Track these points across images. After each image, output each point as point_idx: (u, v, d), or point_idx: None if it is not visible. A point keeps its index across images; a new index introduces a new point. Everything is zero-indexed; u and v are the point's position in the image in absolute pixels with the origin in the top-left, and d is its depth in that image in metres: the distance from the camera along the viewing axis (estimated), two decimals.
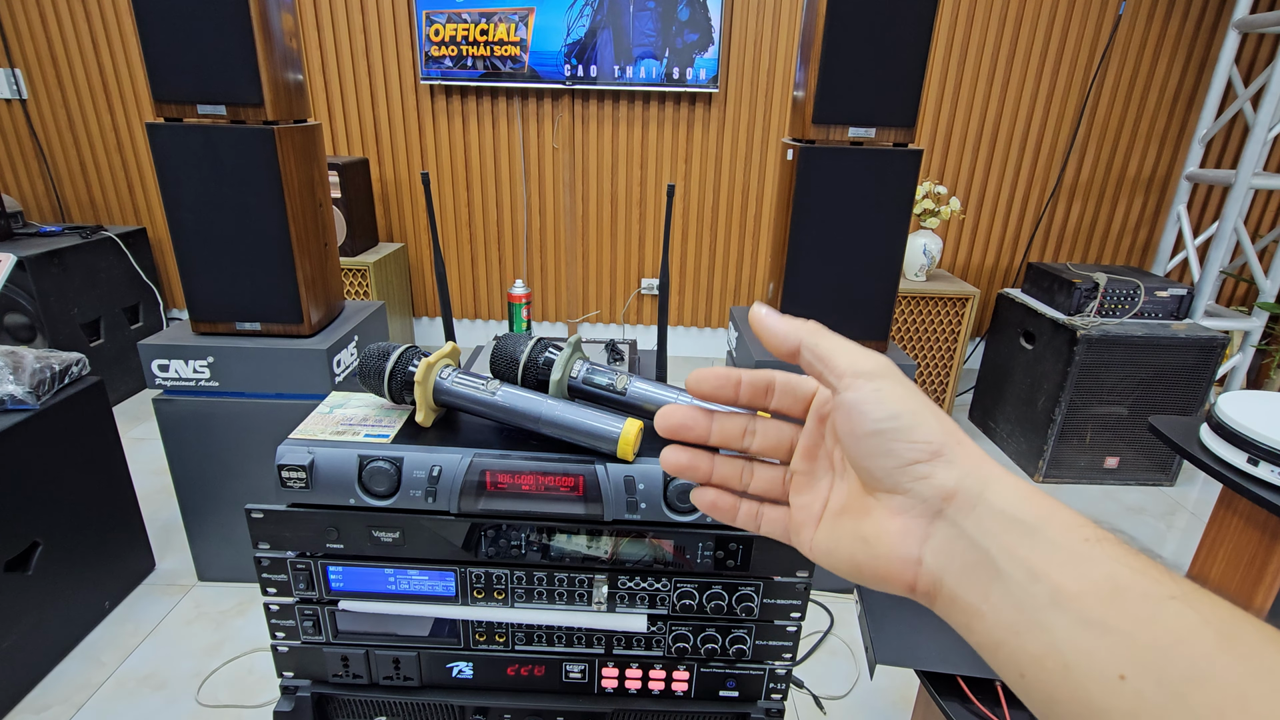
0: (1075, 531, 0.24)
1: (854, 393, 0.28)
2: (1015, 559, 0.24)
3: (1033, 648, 0.23)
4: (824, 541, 0.31)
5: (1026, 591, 0.23)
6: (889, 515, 0.28)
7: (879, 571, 0.28)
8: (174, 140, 1.37)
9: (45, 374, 1.43)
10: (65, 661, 1.46)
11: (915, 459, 0.27)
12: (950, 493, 0.26)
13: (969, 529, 0.26)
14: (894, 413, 0.27)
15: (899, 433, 0.27)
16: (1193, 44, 2.61)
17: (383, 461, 0.60)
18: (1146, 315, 2.21)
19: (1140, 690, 0.20)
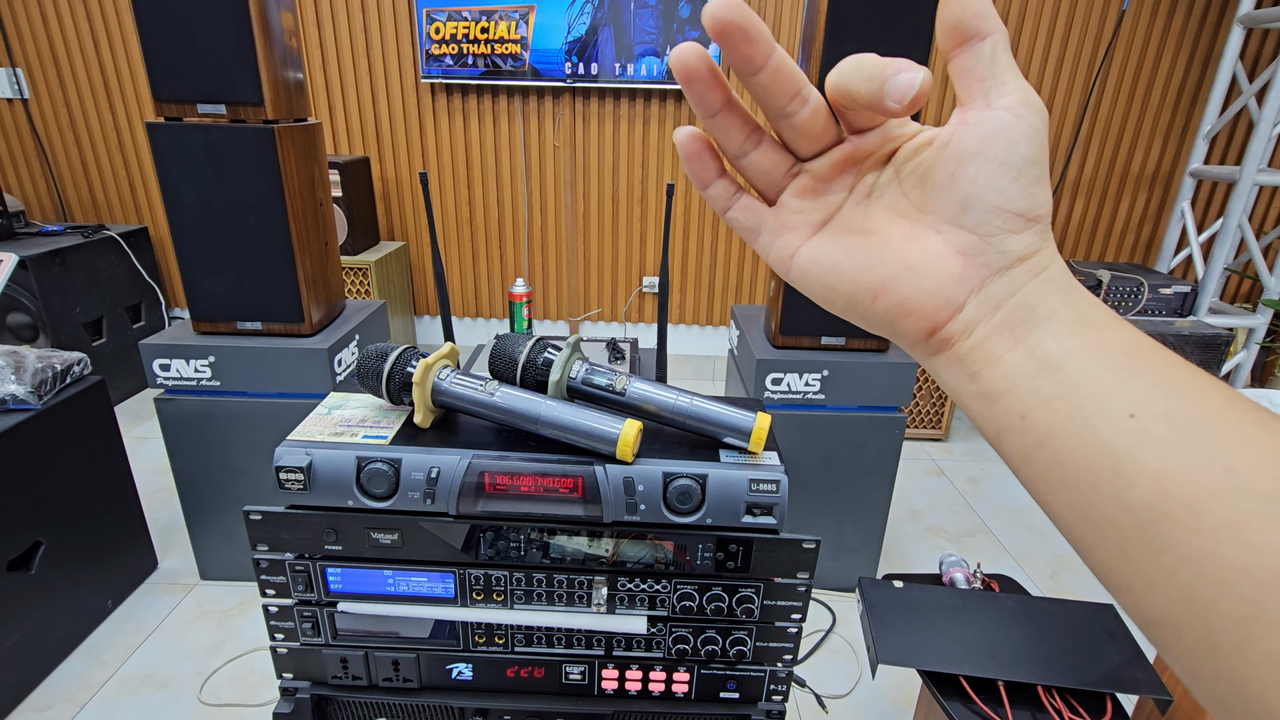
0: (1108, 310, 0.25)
1: (1015, 117, 0.25)
2: (1057, 317, 0.25)
3: (1047, 390, 0.24)
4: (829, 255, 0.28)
5: (1058, 342, 0.24)
6: (951, 252, 0.26)
7: (906, 304, 0.27)
8: (174, 139, 1.37)
9: (47, 374, 1.43)
10: (68, 661, 1.46)
11: (1023, 211, 0.25)
12: (1027, 256, 0.25)
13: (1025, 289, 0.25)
14: (1036, 157, 0.25)
15: (1028, 179, 0.25)
16: (1197, 39, 2.60)
17: (381, 463, 0.59)
18: (1150, 312, 2.20)
19: (1147, 427, 0.22)
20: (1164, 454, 0.21)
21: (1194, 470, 0.20)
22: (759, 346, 1.59)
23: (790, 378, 1.54)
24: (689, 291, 3.02)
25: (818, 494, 1.64)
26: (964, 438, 2.61)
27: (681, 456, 0.62)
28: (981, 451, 2.51)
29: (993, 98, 0.25)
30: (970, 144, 0.25)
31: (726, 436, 0.63)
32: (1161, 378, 0.22)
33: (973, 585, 1.08)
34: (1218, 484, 0.20)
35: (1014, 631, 0.96)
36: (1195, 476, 0.20)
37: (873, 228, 0.28)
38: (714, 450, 0.63)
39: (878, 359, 1.55)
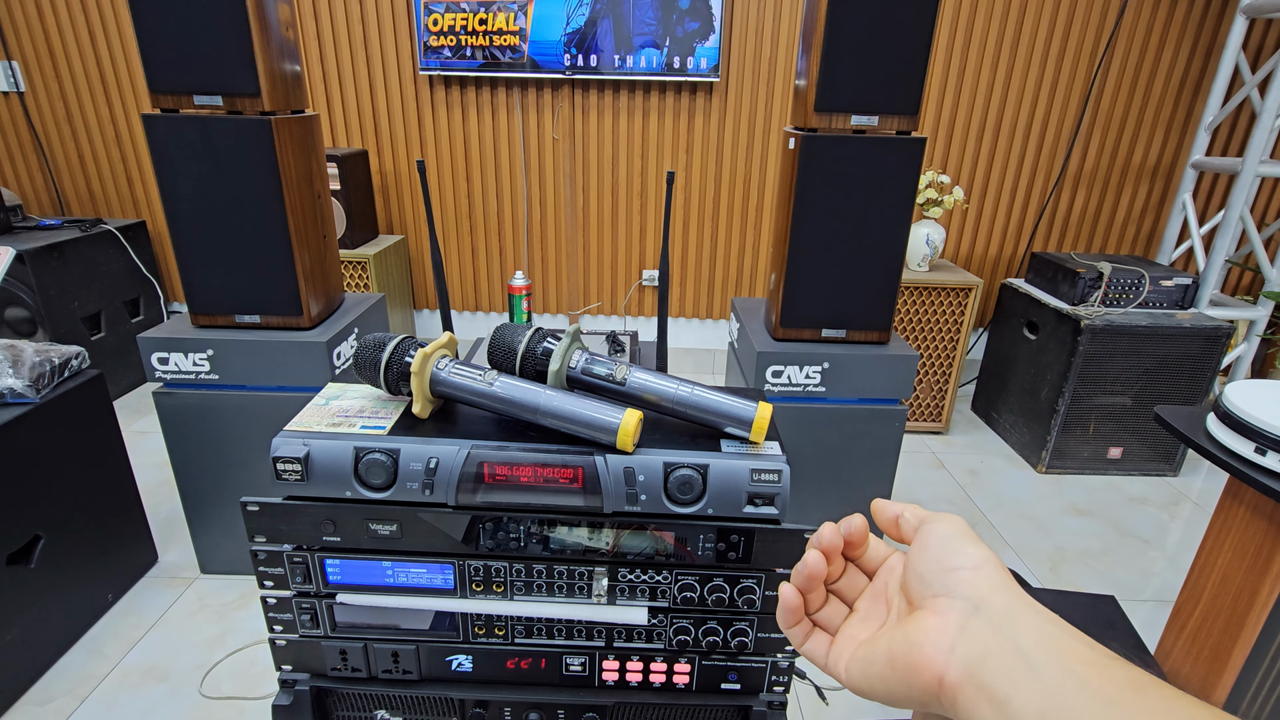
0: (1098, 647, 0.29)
1: (933, 522, 0.37)
2: (1048, 654, 0.28)
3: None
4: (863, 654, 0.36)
5: (1055, 679, 0.27)
6: (930, 615, 0.33)
7: (912, 662, 0.32)
8: (170, 131, 1.36)
9: (45, 367, 1.43)
10: (69, 654, 1.46)
11: (961, 565, 0.33)
12: (985, 595, 0.32)
13: (1004, 625, 0.30)
14: (955, 533, 0.35)
15: (955, 545, 0.35)
16: (1199, 30, 2.58)
17: (379, 454, 0.59)
18: (1151, 305, 2.20)
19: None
20: None
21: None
22: (759, 339, 1.58)
23: (791, 370, 1.54)
24: (689, 284, 3.01)
25: (818, 487, 1.64)
26: (964, 430, 2.61)
27: (682, 446, 0.61)
28: (981, 444, 2.50)
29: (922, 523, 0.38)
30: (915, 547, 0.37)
31: (728, 426, 0.62)
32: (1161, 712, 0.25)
33: None
34: None
35: None
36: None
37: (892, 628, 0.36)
38: (715, 440, 0.63)
39: (878, 351, 1.55)
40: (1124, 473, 2.30)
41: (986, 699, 0.29)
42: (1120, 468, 2.30)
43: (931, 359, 2.47)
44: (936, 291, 2.37)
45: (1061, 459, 2.28)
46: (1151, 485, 2.26)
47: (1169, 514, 2.11)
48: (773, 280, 1.60)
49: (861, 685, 0.36)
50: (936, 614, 0.33)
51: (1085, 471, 2.30)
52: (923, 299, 2.38)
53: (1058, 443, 2.25)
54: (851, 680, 0.37)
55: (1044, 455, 2.28)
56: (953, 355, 2.46)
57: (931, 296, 2.38)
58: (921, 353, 2.45)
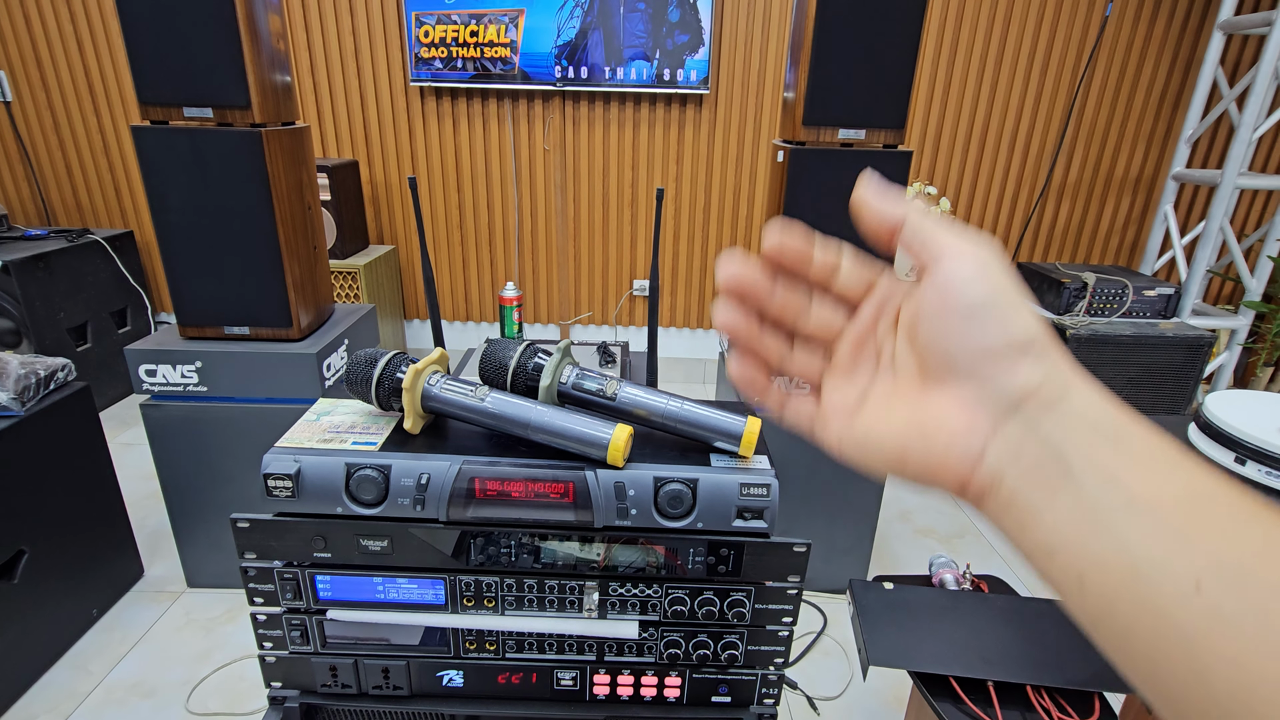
0: (1157, 440, 0.23)
1: (956, 264, 0.26)
2: (1092, 462, 0.23)
3: (1099, 551, 0.22)
4: (863, 433, 0.29)
5: (1101, 494, 0.22)
6: (956, 407, 0.26)
7: (931, 465, 0.27)
8: (160, 143, 1.36)
9: (30, 380, 1.42)
10: (53, 670, 1.44)
11: (1003, 345, 0.25)
12: (1032, 390, 0.24)
13: (1045, 429, 0.24)
14: (994, 292, 0.25)
15: (995, 315, 0.25)
16: (1178, 45, 2.64)
17: (370, 470, 0.59)
18: (1135, 314, 2.23)
19: (1217, 603, 0.19)
20: (1241, 640, 0.19)
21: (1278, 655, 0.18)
22: None
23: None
24: (679, 294, 3.02)
25: (808, 496, 1.65)
26: None
27: (672, 461, 0.62)
28: None
29: (931, 256, 0.27)
30: (930, 302, 0.27)
31: (717, 440, 0.63)
32: (1228, 537, 0.20)
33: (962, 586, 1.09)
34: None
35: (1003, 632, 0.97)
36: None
37: (894, 397, 0.29)
38: (705, 454, 0.64)
39: None
40: None
41: (1016, 509, 0.24)
42: None
43: None
44: None
45: None
46: None
47: None
48: None
49: (860, 464, 0.30)
50: (964, 407, 0.26)
51: None
52: None
53: None
54: (847, 458, 0.30)
55: None
56: None
57: None
58: None
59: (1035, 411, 0.24)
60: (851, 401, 0.30)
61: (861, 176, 0.29)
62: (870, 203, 0.28)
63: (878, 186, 0.28)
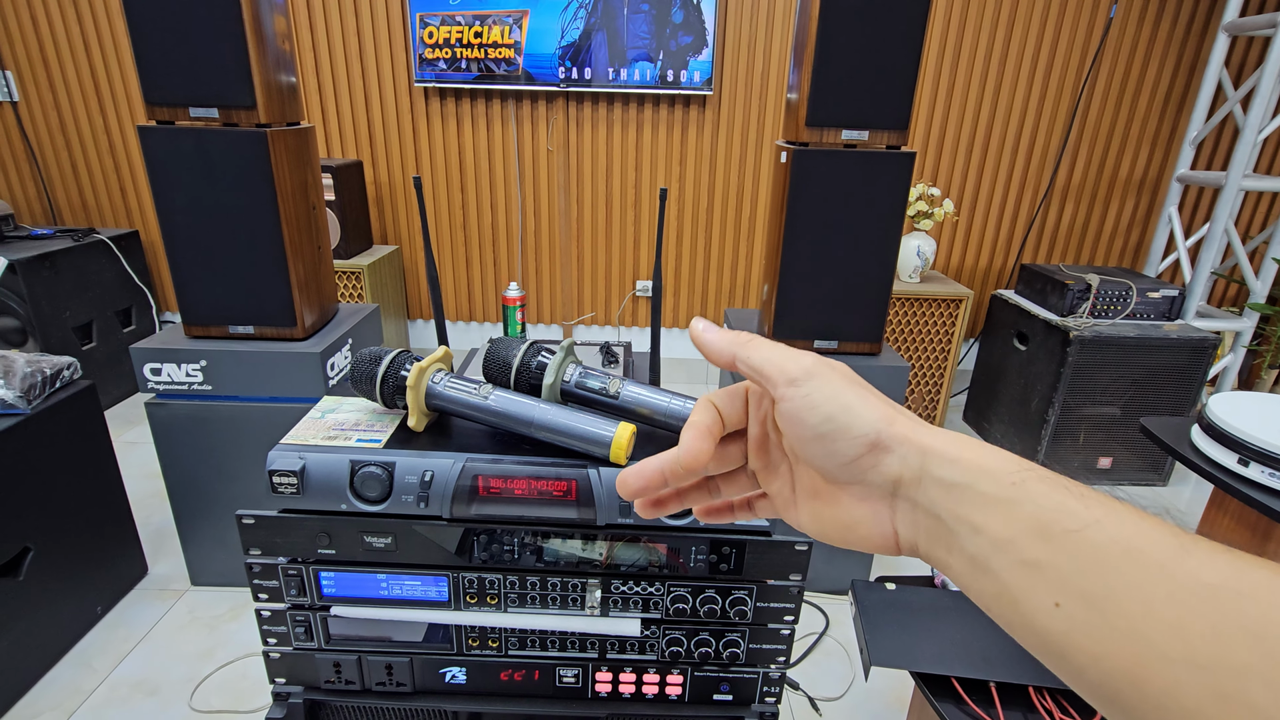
0: (1002, 479, 0.26)
1: (788, 403, 0.30)
2: (959, 519, 0.27)
3: (989, 588, 0.26)
4: (810, 524, 0.33)
5: (974, 544, 0.26)
6: (856, 502, 0.31)
7: (869, 546, 0.31)
8: (166, 143, 1.36)
9: (36, 378, 1.42)
10: (57, 667, 1.45)
11: (857, 454, 0.29)
12: (897, 476, 0.29)
13: (921, 501, 0.28)
14: (827, 415, 0.29)
15: (836, 434, 0.29)
16: (1183, 46, 2.63)
17: (374, 467, 0.60)
18: (1139, 316, 2.22)
19: (1072, 613, 0.23)
20: (1093, 637, 0.23)
21: (1121, 649, 0.22)
22: None
23: None
24: (682, 295, 3.02)
25: None
26: None
27: None
28: None
29: (771, 392, 0.31)
30: (787, 435, 0.31)
31: None
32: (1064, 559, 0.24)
33: None
34: (1143, 656, 0.21)
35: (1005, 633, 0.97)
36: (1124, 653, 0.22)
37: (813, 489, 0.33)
38: None
39: (870, 362, 1.56)
40: (1114, 482, 2.32)
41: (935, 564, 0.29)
42: (1110, 477, 2.31)
43: (923, 370, 2.49)
44: (927, 303, 2.39)
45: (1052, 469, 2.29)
46: (1141, 495, 2.28)
47: None
48: (765, 291, 1.62)
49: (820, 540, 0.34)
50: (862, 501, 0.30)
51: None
52: (914, 310, 2.40)
53: (1048, 453, 2.27)
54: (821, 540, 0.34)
55: None
56: (944, 366, 2.48)
57: (922, 308, 2.40)
58: (913, 363, 2.47)
59: (909, 490, 0.29)
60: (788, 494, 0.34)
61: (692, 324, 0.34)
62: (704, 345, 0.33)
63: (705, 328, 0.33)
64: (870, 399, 0.30)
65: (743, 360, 0.31)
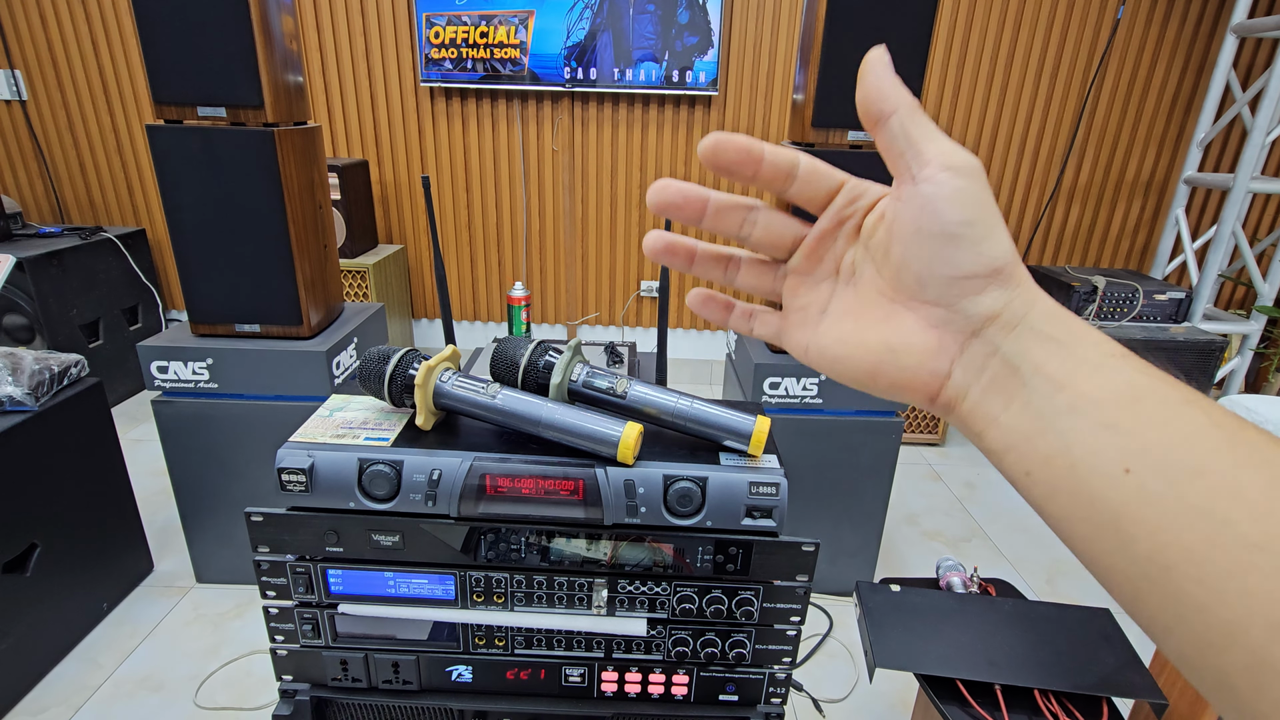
0: (1104, 347, 0.25)
1: (935, 186, 0.26)
2: (1044, 373, 0.25)
3: (1044, 449, 0.24)
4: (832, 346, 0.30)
5: (1048, 401, 0.24)
6: (923, 327, 0.27)
7: (901, 382, 0.28)
8: (174, 142, 1.37)
9: (44, 375, 1.43)
10: (63, 663, 1.46)
11: (975, 272, 0.26)
12: (996, 314, 0.26)
13: (1005, 348, 0.26)
14: (970, 218, 0.25)
15: (968, 241, 0.25)
16: (1191, 48, 2.62)
17: (383, 465, 0.60)
18: (1145, 318, 2.22)
19: (1142, 483, 0.22)
20: (1160, 508, 0.21)
21: (1190, 523, 0.21)
22: (757, 351, 1.59)
23: (788, 382, 1.55)
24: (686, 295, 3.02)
25: (815, 498, 1.64)
26: (960, 443, 2.62)
27: (682, 459, 0.62)
28: (978, 457, 2.51)
29: (914, 170, 0.26)
30: (905, 222, 0.27)
31: (726, 439, 0.63)
32: (1156, 425, 0.22)
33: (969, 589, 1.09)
34: (1213, 535, 0.20)
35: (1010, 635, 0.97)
36: (1192, 529, 0.21)
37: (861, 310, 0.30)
38: (714, 453, 0.64)
39: None
40: None
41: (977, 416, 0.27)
42: None
43: None
44: None
45: None
46: None
47: None
48: None
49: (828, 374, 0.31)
50: (931, 328, 0.27)
51: None
52: None
53: None
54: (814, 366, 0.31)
55: None
56: None
57: None
58: None
59: (997, 333, 0.26)
60: (812, 310, 0.31)
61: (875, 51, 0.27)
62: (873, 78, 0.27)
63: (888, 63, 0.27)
64: (1007, 231, 0.26)
65: (902, 123, 0.26)
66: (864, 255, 0.30)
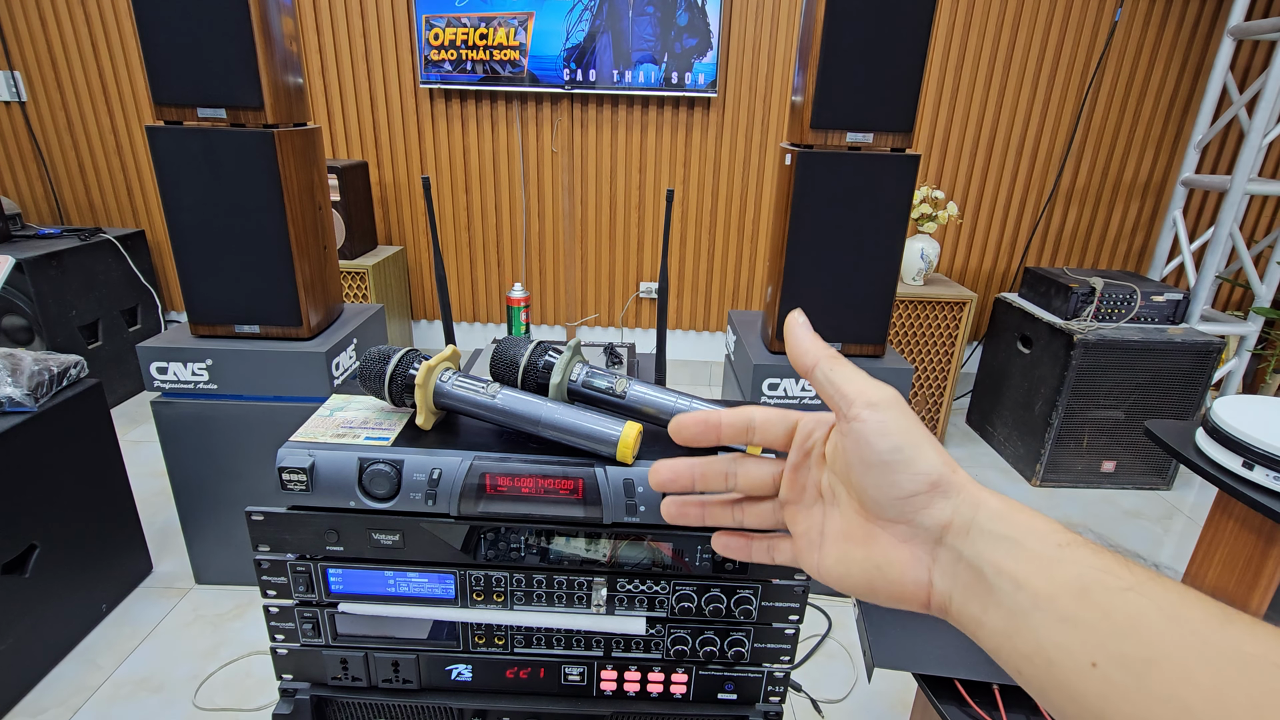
0: (1049, 539, 0.27)
1: (861, 424, 0.30)
2: (1003, 573, 0.27)
3: (1023, 648, 0.26)
4: (834, 567, 0.33)
5: (1013, 600, 0.26)
6: (896, 543, 0.31)
7: (894, 594, 0.31)
8: (174, 143, 1.37)
9: (44, 376, 1.43)
10: (62, 664, 1.46)
11: (916, 490, 0.29)
12: (947, 522, 0.29)
13: (965, 552, 0.28)
14: (897, 445, 0.29)
15: (902, 465, 0.29)
16: (1188, 50, 2.63)
17: (383, 464, 0.60)
18: (1143, 320, 2.22)
19: (1108, 675, 0.23)
20: (1132, 700, 0.23)
21: (1158, 713, 0.22)
22: (756, 352, 1.60)
23: (787, 383, 1.55)
24: (685, 297, 3.03)
25: None
26: (959, 443, 2.62)
27: None
28: (976, 457, 2.52)
29: (843, 409, 0.31)
30: (849, 454, 0.31)
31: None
32: (1105, 616, 0.24)
33: None
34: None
35: None
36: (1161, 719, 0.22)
37: (849, 532, 0.33)
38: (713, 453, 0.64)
39: (873, 364, 1.56)
40: (1117, 486, 2.32)
41: (966, 620, 0.29)
42: (1114, 481, 2.31)
43: (926, 372, 2.49)
44: (931, 305, 2.39)
45: (1055, 472, 2.29)
46: (1145, 499, 2.28)
47: (1162, 527, 2.13)
48: (769, 293, 1.62)
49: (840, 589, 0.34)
50: (903, 543, 0.30)
51: (1079, 485, 2.31)
52: (917, 313, 2.40)
53: (1052, 456, 2.26)
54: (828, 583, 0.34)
55: (1038, 469, 2.29)
56: (947, 369, 2.48)
57: (926, 310, 2.40)
58: (916, 366, 2.47)
59: (955, 539, 0.29)
60: (815, 536, 0.35)
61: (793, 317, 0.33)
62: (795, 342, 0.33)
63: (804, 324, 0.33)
64: (937, 445, 0.30)
65: (825, 372, 0.31)
66: (834, 479, 0.34)
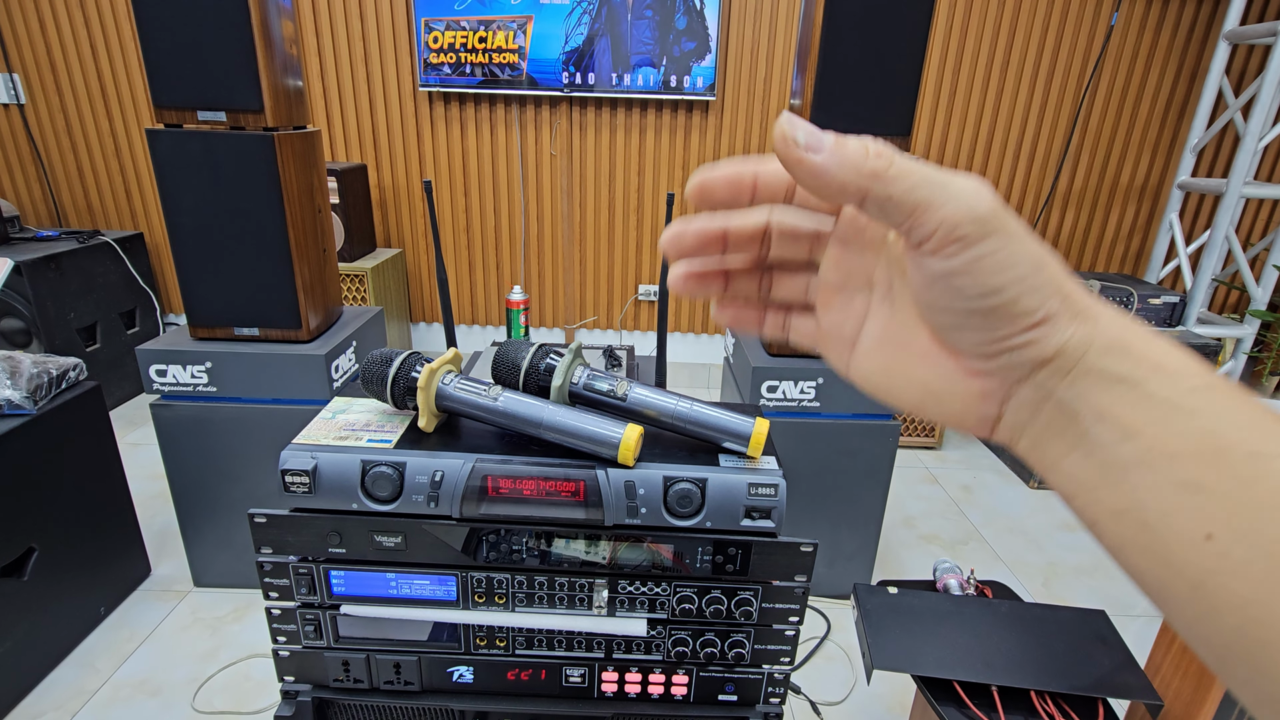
0: (1182, 381, 0.21)
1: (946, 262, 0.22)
2: (1106, 420, 0.22)
3: (1111, 503, 0.22)
4: (873, 377, 0.28)
5: (1113, 452, 0.21)
6: (963, 375, 0.25)
7: (949, 421, 0.26)
8: (174, 146, 1.37)
9: (42, 379, 1.43)
10: (60, 668, 1.45)
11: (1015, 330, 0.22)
12: (1046, 359, 0.22)
13: (1060, 393, 0.23)
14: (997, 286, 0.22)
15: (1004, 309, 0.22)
16: (1184, 55, 2.65)
17: (385, 466, 0.60)
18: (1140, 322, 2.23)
19: (1227, 550, 0.19)
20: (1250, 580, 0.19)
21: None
22: (755, 354, 1.60)
23: (785, 385, 1.56)
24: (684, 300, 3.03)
25: (813, 501, 1.65)
26: (957, 446, 2.63)
27: (681, 460, 0.63)
28: (975, 459, 2.52)
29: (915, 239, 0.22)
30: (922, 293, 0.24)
31: (726, 441, 0.64)
32: (1238, 487, 0.20)
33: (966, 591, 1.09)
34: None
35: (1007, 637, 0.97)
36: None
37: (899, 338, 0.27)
38: (713, 455, 0.64)
39: None
40: None
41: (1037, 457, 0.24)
42: None
43: None
44: None
45: None
46: None
47: None
48: None
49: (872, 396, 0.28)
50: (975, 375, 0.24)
51: None
52: None
53: None
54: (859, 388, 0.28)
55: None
56: None
57: None
58: None
59: (1049, 378, 0.23)
60: (849, 331, 0.28)
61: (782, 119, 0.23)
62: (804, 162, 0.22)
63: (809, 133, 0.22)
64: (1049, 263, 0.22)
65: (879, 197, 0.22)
66: (897, 278, 0.26)
